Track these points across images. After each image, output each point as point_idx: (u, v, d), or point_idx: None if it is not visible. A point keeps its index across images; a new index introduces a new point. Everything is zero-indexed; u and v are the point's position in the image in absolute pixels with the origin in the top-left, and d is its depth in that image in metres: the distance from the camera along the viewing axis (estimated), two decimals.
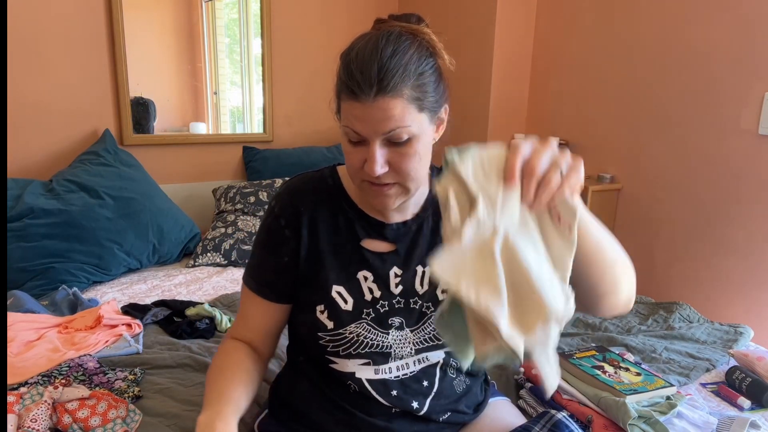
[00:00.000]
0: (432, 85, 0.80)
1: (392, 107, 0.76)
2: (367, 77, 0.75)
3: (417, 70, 0.78)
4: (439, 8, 2.82)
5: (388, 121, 0.76)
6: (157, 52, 2.50)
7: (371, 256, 0.90)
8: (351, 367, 0.89)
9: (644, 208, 2.22)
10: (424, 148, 0.81)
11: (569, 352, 1.32)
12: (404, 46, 0.78)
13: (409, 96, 0.76)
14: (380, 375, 0.89)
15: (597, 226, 0.73)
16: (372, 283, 0.89)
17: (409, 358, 0.90)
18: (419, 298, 0.90)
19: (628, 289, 0.81)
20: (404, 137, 0.77)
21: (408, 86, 0.76)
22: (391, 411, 0.90)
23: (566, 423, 0.85)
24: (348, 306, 0.88)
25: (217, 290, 1.91)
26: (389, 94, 0.75)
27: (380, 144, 0.78)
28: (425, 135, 0.81)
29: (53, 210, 1.90)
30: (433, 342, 0.91)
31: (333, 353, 0.89)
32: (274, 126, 2.82)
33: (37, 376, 1.19)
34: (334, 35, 2.85)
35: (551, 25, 2.55)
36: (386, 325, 0.89)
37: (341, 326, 0.88)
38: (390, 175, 0.80)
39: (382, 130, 0.76)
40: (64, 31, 2.23)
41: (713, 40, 1.92)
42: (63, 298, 1.71)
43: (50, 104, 2.26)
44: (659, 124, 2.13)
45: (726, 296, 1.96)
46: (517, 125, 2.71)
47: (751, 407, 1.26)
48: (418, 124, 0.78)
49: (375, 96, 0.75)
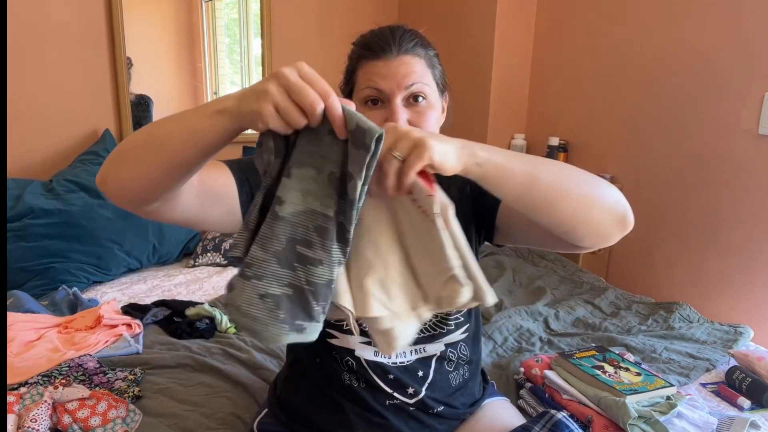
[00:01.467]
0: (439, 66, 0.88)
1: (414, 63, 0.82)
2: (389, 39, 0.82)
3: (428, 47, 0.86)
4: (439, 9, 2.82)
5: (411, 75, 0.81)
6: (157, 52, 2.49)
7: None
8: (351, 344, 0.90)
9: (644, 208, 2.22)
10: (436, 117, 0.85)
11: (569, 352, 1.32)
12: (414, 31, 0.86)
13: (426, 61, 0.84)
14: (378, 358, 0.90)
15: (519, 170, 0.65)
16: None
17: (407, 346, 0.91)
18: None
19: (599, 215, 0.71)
20: (423, 94, 0.82)
21: (424, 53, 0.84)
22: (386, 402, 0.90)
23: (566, 423, 0.85)
24: None
25: (217, 290, 1.91)
26: (410, 53, 0.82)
27: (401, 101, 0.81)
28: (437, 104, 0.86)
29: (53, 210, 1.90)
30: (430, 332, 0.91)
31: (336, 326, 0.89)
32: None
33: (37, 376, 1.19)
34: (334, 35, 2.85)
35: (551, 25, 2.55)
36: None
37: None
38: None
39: (405, 83, 0.80)
40: (65, 31, 2.22)
41: (713, 40, 1.92)
42: (63, 298, 1.71)
43: (50, 104, 2.25)
44: (659, 124, 2.13)
45: (726, 296, 1.96)
46: (517, 125, 2.71)
47: (751, 407, 1.26)
48: (433, 89, 0.84)
49: (397, 54, 0.81)
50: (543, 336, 1.63)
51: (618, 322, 1.72)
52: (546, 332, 1.67)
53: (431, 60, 0.85)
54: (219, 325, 1.57)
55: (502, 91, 2.61)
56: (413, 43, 0.83)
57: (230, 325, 1.56)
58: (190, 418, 1.12)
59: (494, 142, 2.67)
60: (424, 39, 0.86)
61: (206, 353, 1.41)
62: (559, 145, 2.47)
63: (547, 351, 1.54)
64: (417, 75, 0.81)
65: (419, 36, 0.85)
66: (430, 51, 0.87)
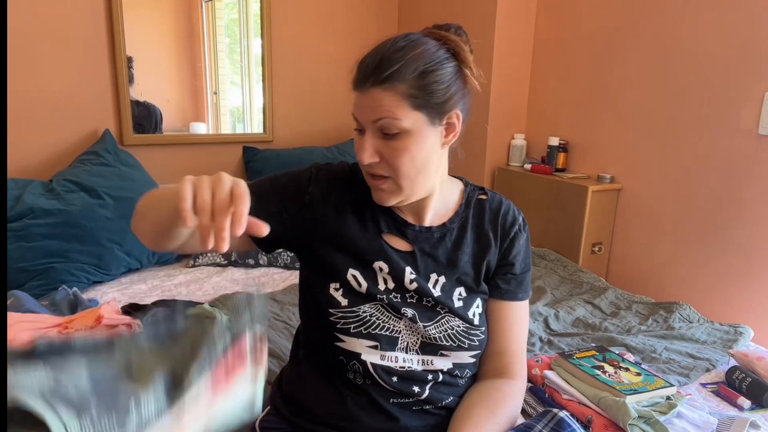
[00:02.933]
0: (440, 86, 0.82)
1: (382, 98, 0.80)
2: (367, 68, 0.81)
3: (423, 67, 0.80)
4: (440, 8, 2.82)
5: (378, 109, 0.80)
6: (157, 52, 2.49)
7: (390, 250, 0.92)
8: (358, 348, 0.89)
9: (644, 208, 2.22)
10: (418, 148, 0.83)
11: (569, 352, 1.32)
12: (420, 45, 0.82)
13: (404, 91, 0.80)
14: (385, 362, 0.89)
15: None
16: (387, 275, 0.91)
17: (415, 355, 0.90)
18: (433, 299, 0.92)
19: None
20: (394, 130, 0.81)
21: (406, 81, 0.79)
22: (390, 400, 0.90)
23: (569, 422, 0.85)
24: (362, 289, 0.90)
25: (217, 290, 1.91)
26: (383, 85, 0.79)
27: (373, 133, 0.82)
28: (421, 135, 0.82)
29: (53, 210, 1.90)
30: (447, 342, 0.91)
31: (343, 330, 0.89)
32: (274, 126, 2.82)
33: None
34: (334, 35, 2.85)
35: (551, 25, 2.55)
36: (400, 313, 0.90)
37: (356, 305, 0.89)
38: (382, 168, 0.84)
39: (371, 118, 0.81)
40: (64, 31, 2.22)
41: (713, 40, 1.92)
42: (63, 298, 1.71)
43: (50, 104, 2.25)
44: (659, 124, 2.13)
45: (726, 296, 1.96)
46: (517, 125, 2.71)
47: (751, 407, 1.26)
48: (412, 121, 0.81)
49: (370, 86, 0.80)
50: (543, 336, 1.63)
51: (618, 322, 1.72)
52: (546, 332, 1.67)
53: (422, 87, 0.80)
54: None
55: (502, 91, 2.62)
56: (395, 69, 0.79)
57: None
58: None
59: (494, 142, 2.67)
60: (417, 60, 0.80)
61: None
62: (559, 145, 2.47)
63: (547, 351, 1.54)
64: (384, 110, 0.80)
65: (416, 56, 0.80)
66: (436, 67, 0.81)
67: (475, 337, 0.93)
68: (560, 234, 2.38)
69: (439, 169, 0.91)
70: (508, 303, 0.97)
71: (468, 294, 0.94)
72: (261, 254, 2.18)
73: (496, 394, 0.92)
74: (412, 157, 0.83)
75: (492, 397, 0.92)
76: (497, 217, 0.97)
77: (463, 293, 0.94)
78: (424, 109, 0.81)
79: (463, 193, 0.98)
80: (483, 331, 0.94)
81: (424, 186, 0.88)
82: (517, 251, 0.97)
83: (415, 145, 0.82)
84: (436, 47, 0.83)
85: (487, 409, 0.89)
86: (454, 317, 0.92)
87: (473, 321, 0.93)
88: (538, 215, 2.46)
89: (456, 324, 0.92)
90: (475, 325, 0.93)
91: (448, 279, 0.93)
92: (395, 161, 0.82)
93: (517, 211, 1.00)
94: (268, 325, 1.61)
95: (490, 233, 0.96)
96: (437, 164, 0.89)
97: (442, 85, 0.82)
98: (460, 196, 0.98)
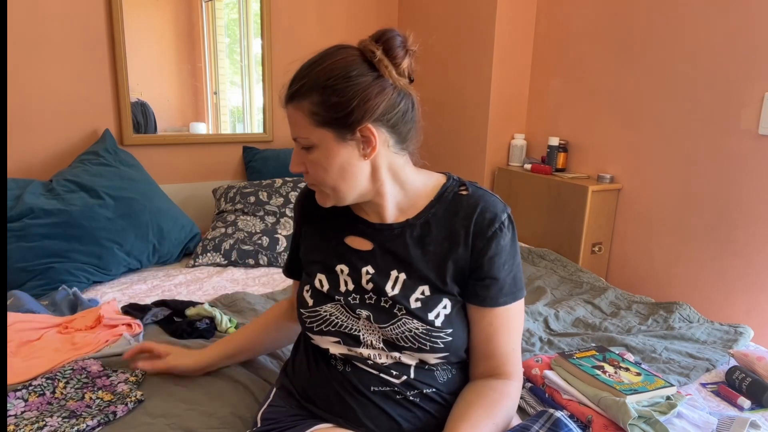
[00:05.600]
0: (342, 101, 0.82)
1: (294, 115, 0.86)
2: (286, 86, 0.87)
3: (329, 84, 0.82)
4: (439, 8, 2.82)
5: (292, 126, 0.87)
6: (157, 52, 2.49)
7: (350, 252, 0.96)
8: (325, 344, 0.96)
9: (644, 208, 2.22)
10: (329, 162, 0.86)
11: (569, 352, 1.32)
12: (329, 59, 0.84)
13: (307, 109, 0.84)
14: (354, 353, 0.94)
15: None
16: (347, 276, 0.95)
17: (381, 351, 0.92)
18: (390, 299, 0.92)
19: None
20: (307, 144, 0.87)
21: (309, 98, 0.83)
22: (370, 389, 0.92)
23: (565, 422, 0.85)
24: (324, 290, 0.96)
25: (217, 290, 1.91)
26: (293, 103, 0.86)
27: (298, 146, 0.89)
28: (329, 150, 0.86)
29: (53, 210, 1.90)
30: (406, 344, 0.90)
31: (309, 329, 0.97)
32: (274, 126, 2.82)
33: (41, 378, 1.19)
34: (334, 35, 2.85)
35: (551, 25, 2.55)
36: (356, 313, 0.94)
37: (318, 304, 0.96)
38: (308, 177, 0.91)
39: (291, 134, 0.88)
40: (64, 31, 2.23)
41: (713, 40, 1.92)
42: (63, 298, 1.71)
43: (50, 104, 2.26)
44: (659, 124, 2.13)
45: (726, 296, 1.96)
46: (517, 125, 2.71)
47: (751, 407, 1.26)
48: (318, 137, 0.85)
49: (286, 103, 0.87)
50: (543, 336, 1.63)
51: (618, 322, 1.72)
52: (546, 332, 1.67)
53: (323, 103, 0.82)
54: (219, 326, 1.57)
55: (502, 91, 2.62)
56: (302, 87, 0.84)
57: (230, 325, 1.56)
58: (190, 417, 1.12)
59: (494, 141, 2.67)
60: (319, 76, 0.82)
61: None
62: (559, 145, 2.47)
63: (547, 351, 1.54)
64: (297, 128, 0.86)
65: (322, 71, 0.83)
66: (341, 83, 0.81)
67: (439, 340, 0.90)
68: (560, 234, 2.38)
69: (375, 177, 0.90)
70: (490, 309, 0.91)
71: (432, 293, 0.91)
72: (261, 254, 2.18)
73: (493, 393, 0.92)
74: (325, 170, 0.87)
75: (489, 397, 0.91)
76: (472, 215, 0.90)
77: (427, 292, 0.91)
78: (327, 125, 0.84)
79: (438, 188, 0.95)
80: (450, 333, 0.90)
81: (351, 193, 0.91)
82: (494, 252, 0.90)
83: (325, 159, 0.86)
84: (351, 59, 0.83)
85: (485, 409, 0.88)
86: (412, 319, 0.89)
87: (434, 323, 0.89)
88: (538, 215, 2.46)
89: (414, 326, 0.89)
90: (436, 327, 0.89)
91: (409, 276, 0.92)
92: (313, 172, 0.89)
93: (501, 208, 0.92)
94: None
95: (461, 232, 0.90)
96: (364, 174, 0.89)
97: (344, 99, 0.82)
98: (433, 192, 0.95)
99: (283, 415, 0.99)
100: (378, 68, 0.84)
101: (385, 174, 0.91)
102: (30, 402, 1.13)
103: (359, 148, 0.86)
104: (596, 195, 2.25)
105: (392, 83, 0.85)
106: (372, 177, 0.90)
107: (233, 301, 1.76)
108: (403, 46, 0.86)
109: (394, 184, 0.93)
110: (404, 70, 0.87)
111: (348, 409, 0.93)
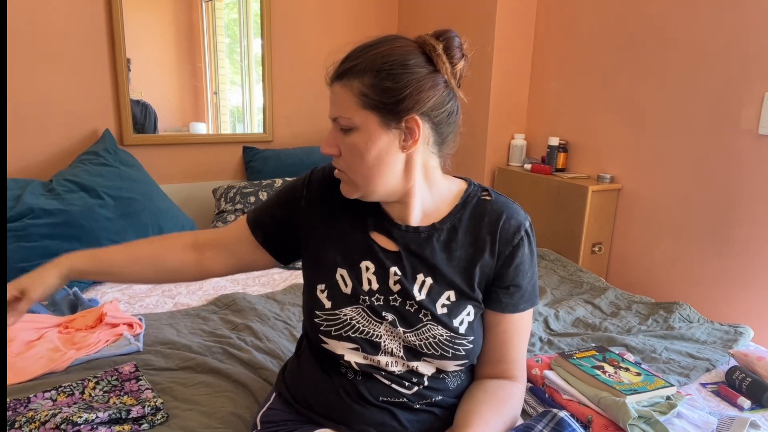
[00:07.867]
0: (395, 88, 0.81)
1: (340, 93, 0.84)
2: (337, 65, 0.85)
3: (384, 68, 0.81)
4: (439, 9, 2.82)
5: (335, 105, 0.85)
6: (157, 52, 2.49)
7: (377, 248, 0.92)
8: (340, 350, 0.90)
9: (644, 208, 2.22)
10: (367, 147, 0.83)
11: (569, 352, 1.32)
12: (388, 44, 0.83)
13: (357, 89, 0.82)
14: (369, 362, 0.91)
15: None
16: (372, 275, 0.91)
17: (399, 359, 0.90)
18: (416, 303, 0.90)
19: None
20: (347, 126, 0.84)
21: (361, 79, 0.81)
22: (379, 398, 0.91)
23: (569, 422, 0.85)
24: (347, 290, 0.91)
25: (217, 290, 1.91)
26: (340, 81, 0.84)
27: (336, 127, 0.86)
28: (371, 135, 0.83)
29: (53, 210, 1.90)
30: (428, 351, 0.89)
31: (325, 333, 0.91)
32: (274, 126, 2.82)
33: (67, 385, 1.20)
34: (335, 35, 2.85)
35: (551, 25, 2.55)
36: (380, 316, 0.90)
37: (337, 307, 0.90)
38: (340, 162, 0.88)
39: (331, 114, 0.86)
40: (64, 31, 2.23)
41: (713, 40, 1.92)
42: (63, 298, 1.71)
43: (50, 104, 2.25)
44: (659, 124, 2.13)
45: (726, 296, 1.96)
46: (517, 125, 2.71)
47: (751, 407, 1.26)
48: (362, 119, 0.82)
49: (332, 82, 0.85)
50: (543, 336, 1.63)
51: (618, 322, 1.72)
52: (546, 332, 1.67)
53: (376, 86, 0.80)
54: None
55: (502, 91, 2.62)
56: (353, 67, 0.81)
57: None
58: (190, 417, 1.12)
59: (494, 142, 2.67)
60: (376, 59, 0.81)
61: (207, 352, 1.41)
62: (559, 145, 2.47)
63: (547, 351, 1.54)
64: (338, 107, 0.84)
65: (379, 55, 0.81)
66: (398, 69, 0.80)
67: (461, 347, 0.90)
68: (560, 234, 2.38)
69: (408, 173, 0.88)
70: (508, 315, 0.93)
71: (458, 299, 0.90)
72: None
73: (501, 392, 0.92)
74: (361, 155, 0.83)
75: (498, 395, 0.91)
76: (497, 223, 0.91)
77: (453, 298, 0.90)
78: (374, 109, 0.81)
79: (461, 193, 0.95)
80: (471, 341, 0.90)
81: (381, 186, 0.86)
82: (520, 260, 0.91)
83: (364, 143, 0.83)
84: (409, 50, 0.82)
85: (494, 407, 0.88)
86: (437, 325, 0.89)
87: (458, 330, 0.89)
88: (538, 215, 2.46)
89: (439, 332, 0.88)
90: (460, 334, 0.89)
91: (436, 281, 0.90)
92: (347, 156, 0.85)
93: (524, 216, 0.93)
94: (269, 325, 1.61)
95: (487, 239, 0.91)
96: (398, 168, 0.86)
97: (398, 85, 0.80)
98: (457, 197, 0.94)
99: (282, 419, 0.99)
100: (435, 63, 0.83)
101: (418, 172, 0.88)
102: (58, 402, 1.13)
103: (400, 138, 0.84)
104: (596, 195, 2.25)
105: (446, 81, 0.84)
106: (405, 172, 0.87)
107: (233, 301, 1.76)
108: (460, 48, 0.86)
109: (424, 183, 0.90)
110: (458, 71, 0.86)
111: (351, 417, 0.91)
